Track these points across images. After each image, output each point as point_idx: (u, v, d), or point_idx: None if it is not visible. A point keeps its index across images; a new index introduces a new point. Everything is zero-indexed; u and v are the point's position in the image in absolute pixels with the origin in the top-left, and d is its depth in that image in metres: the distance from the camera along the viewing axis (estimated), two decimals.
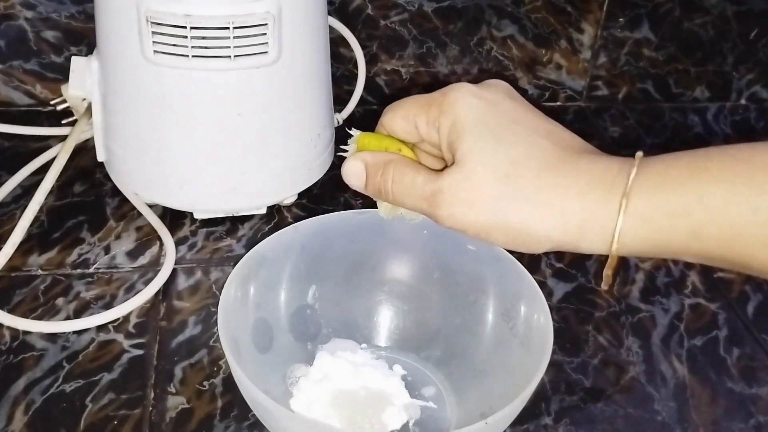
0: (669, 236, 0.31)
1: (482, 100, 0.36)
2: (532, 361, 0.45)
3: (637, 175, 0.32)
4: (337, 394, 0.50)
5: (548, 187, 0.33)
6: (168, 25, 0.57)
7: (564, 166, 0.34)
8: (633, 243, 0.32)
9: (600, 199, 0.32)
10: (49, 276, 0.62)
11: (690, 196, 0.30)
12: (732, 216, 0.30)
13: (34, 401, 0.51)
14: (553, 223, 0.33)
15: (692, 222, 0.31)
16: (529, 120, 0.36)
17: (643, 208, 0.31)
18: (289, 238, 0.52)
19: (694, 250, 0.31)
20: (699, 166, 0.31)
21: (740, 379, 0.57)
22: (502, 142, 0.34)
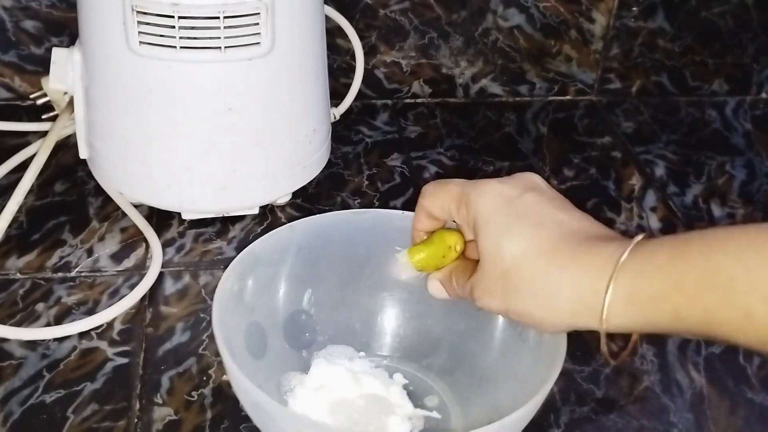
0: (653, 317, 0.36)
1: (500, 198, 0.43)
2: (543, 367, 0.46)
3: (625, 261, 0.37)
4: (335, 403, 0.50)
5: (543, 276, 0.39)
6: (154, 14, 0.57)
7: (560, 256, 0.39)
8: (622, 322, 0.37)
9: (588, 284, 0.38)
10: (28, 280, 0.62)
11: (668, 281, 0.35)
12: (705, 301, 0.34)
13: (12, 412, 0.51)
14: (550, 310, 0.40)
15: (672, 305, 0.35)
16: (537, 212, 0.42)
17: (627, 293, 0.37)
18: (284, 238, 0.52)
19: (679, 329, 0.36)
20: (678, 252, 0.36)
21: (761, 389, 0.57)
22: (505, 238, 0.41)
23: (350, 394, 0.51)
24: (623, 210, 0.75)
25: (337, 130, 0.76)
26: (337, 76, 0.86)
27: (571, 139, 0.85)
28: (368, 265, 0.55)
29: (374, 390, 0.51)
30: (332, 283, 0.55)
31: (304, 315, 0.55)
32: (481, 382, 0.52)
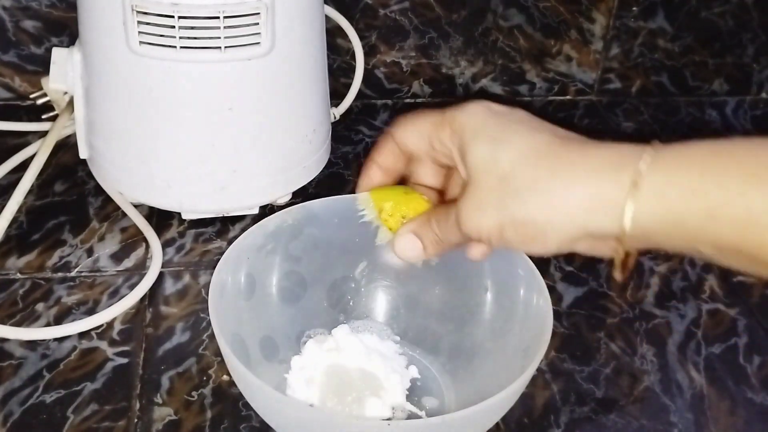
0: (684, 215, 0.32)
1: (488, 110, 0.39)
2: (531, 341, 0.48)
3: (651, 156, 0.33)
4: (333, 366, 0.52)
5: (547, 174, 0.35)
6: (154, 14, 0.57)
7: (566, 152, 0.36)
8: (645, 222, 0.33)
9: (608, 177, 0.33)
10: (28, 280, 0.62)
11: (708, 176, 0.31)
12: (749, 199, 0.31)
13: (12, 412, 0.51)
14: (557, 208, 0.35)
15: (709, 202, 0.31)
16: (534, 122, 0.39)
17: (657, 184, 0.32)
18: (344, 205, 0.53)
19: (709, 233, 0.32)
20: (720, 149, 0.32)
21: (761, 389, 0.57)
22: (500, 143, 0.37)
23: (350, 364, 0.52)
24: None
25: (337, 130, 0.76)
26: (337, 76, 0.86)
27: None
28: (363, 253, 0.56)
29: (374, 369, 0.52)
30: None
31: (354, 283, 0.57)
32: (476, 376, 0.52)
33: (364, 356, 0.53)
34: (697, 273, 0.68)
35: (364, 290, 0.57)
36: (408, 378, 0.54)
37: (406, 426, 0.44)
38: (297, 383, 0.52)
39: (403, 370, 0.54)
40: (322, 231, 0.55)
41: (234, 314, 0.50)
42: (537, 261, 0.50)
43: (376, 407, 0.50)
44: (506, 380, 0.44)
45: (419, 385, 0.54)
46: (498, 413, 0.47)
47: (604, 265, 0.68)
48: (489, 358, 0.53)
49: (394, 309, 0.57)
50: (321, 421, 0.44)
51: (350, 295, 0.57)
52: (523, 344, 0.49)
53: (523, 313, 0.51)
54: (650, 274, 0.67)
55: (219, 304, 0.48)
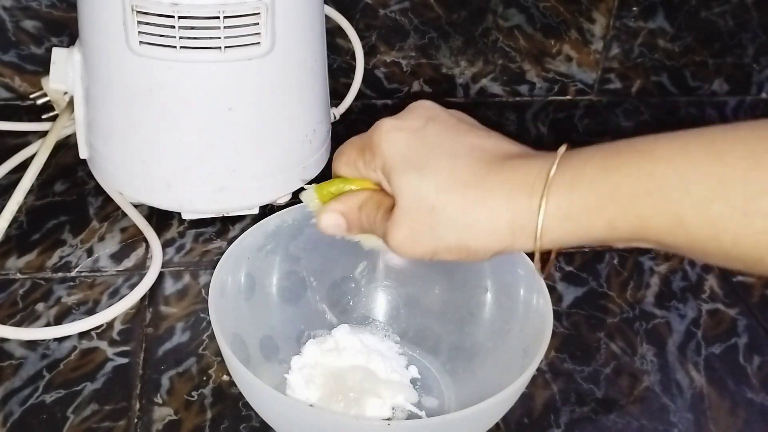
0: (587, 229, 0.36)
1: (404, 132, 0.41)
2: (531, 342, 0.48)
3: (555, 174, 0.36)
4: (333, 366, 0.52)
5: (474, 204, 0.38)
6: (154, 14, 0.57)
7: (486, 181, 0.38)
8: (556, 238, 0.37)
9: (522, 204, 0.37)
10: (28, 280, 0.62)
11: (602, 192, 0.35)
12: (638, 208, 0.34)
13: (12, 412, 0.51)
14: (486, 235, 0.38)
15: (606, 215, 0.35)
16: (449, 141, 0.40)
17: (561, 207, 0.36)
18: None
19: (612, 238, 0.36)
20: (609, 162, 0.36)
21: (761, 389, 0.57)
22: (425, 173, 0.39)
23: (349, 364, 0.52)
24: None
25: (337, 130, 0.76)
26: (337, 76, 0.86)
27: (571, 139, 0.85)
28: (363, 253, 0.56)
29: (375, 369, 0.52)
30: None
31: (354, 283, 0.57)
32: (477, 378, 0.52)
33: (364, 356, 0.53)
34: (697, 273, 0.68)
35: (364, 290, 0.57)
36: (408, 378, 0.54)
37: (406, 426, 0.44)
38: (297, 383, 0.52)
39: (403, 370, 0.54)
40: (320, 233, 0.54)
41: (234, 314, 0.50)
42: (547, 265, 0.50)
43: (376, 407, 0.50)
44: (506, 380, 0.44)
45: (419, 385, 0.54)
46: (498, 413, 0.47)
47: (605, 264, 0.68)
48: (489, 358, 0.53)
49: (394, 309, 0.57)
50: (321, 421, 0.44)
51: (350, 295, 0.57)
52: (523, 344, 0.49)
53: (523, 313, 0.51)
54: (650, 274, 0.67)
55: (219, 304, 0.48)
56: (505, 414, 0.48)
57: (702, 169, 0.33)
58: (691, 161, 0.34)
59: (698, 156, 0.34)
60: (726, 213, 0.32)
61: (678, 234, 0.34)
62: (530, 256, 0.43)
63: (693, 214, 0.33)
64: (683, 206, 0.33)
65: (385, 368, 0.53)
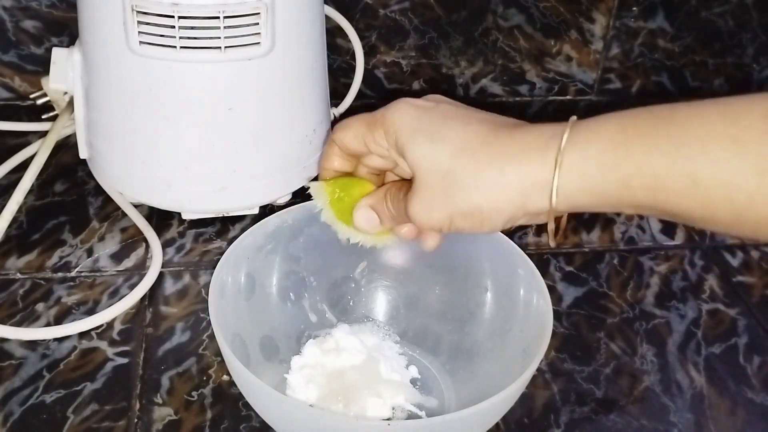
0: (603, 187, 0.36)
1: (417, 108, 0.42)
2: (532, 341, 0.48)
3: (569, 135, 0.37)
4: (332, 366, 0.52)
5: (485, 165, 0.38)
6: (154, 14, 0.57)
7: (498, 141, 0.39)
8: (571, 195, 0.37)
9: (536, 160, 0.37)
10: (28, 280, 0.62)
11: (619, 151, 0.36)
12: (655, 167, 0.35)
13: (12, 412, 0.51)
14: (498, 196, 0.38)
15: (622, 173, 0.36)
16: (462, 114, 0.41)
17: (577, 163, 0.37)
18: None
19: (627, 199, 0.36)
20: (627, 125, 0.36)
21: (761, 389, 0.57)
22: (437, 140, 0.40)
23: (348, 364, 0.52)
24: None
25: None
26: (337, 76, 0.86)
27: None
28: (364, 253, 0.56)
29: (375, 370, 0.52)
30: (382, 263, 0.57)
31: (354, 283, 0.57)
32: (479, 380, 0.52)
33: (364, 356, 0.53)
34: (697, 273, 0.68)
35: (364, 290, 0.57)
36: (408, 378, 0.54)
37: (406, 426, 0.44)
38: (297, 383, 0.52)
39: (403, 370, 0.54)
40: (322, 231, 0.54)
41: (234, 314, 0.50)
42: (537, 261, 0.50)
43: (376, 407, 0.50)
44: (506, 380, 0.44)
45: (419, 385, 0.54)
46: (498, 413, 0.47)
47: (605, 264, 0.68)
48: (489, 358, 0.53)
49: (394, 309, 0.57)
50: (321, 421, 0.44)
51: (350, 295, 0.57)
52: (523, 344, 0.49)
53: (523, 313, 0.51)
54: (650, 274, 0.67)
55: (219, 304, 0.48)
56: (505, 414, 0.48)
57: (718, 131, 0.34)
58: (708, 124, 0.34)
59: (714, 119, 0.35)
60: (741, 172, 0.33)
61: (692, 195, 0.34)
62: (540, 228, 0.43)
63: (708, 174, 0.34)
64: (699, 166, 0.34)
65: (385, 368, 0.53)
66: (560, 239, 0.41)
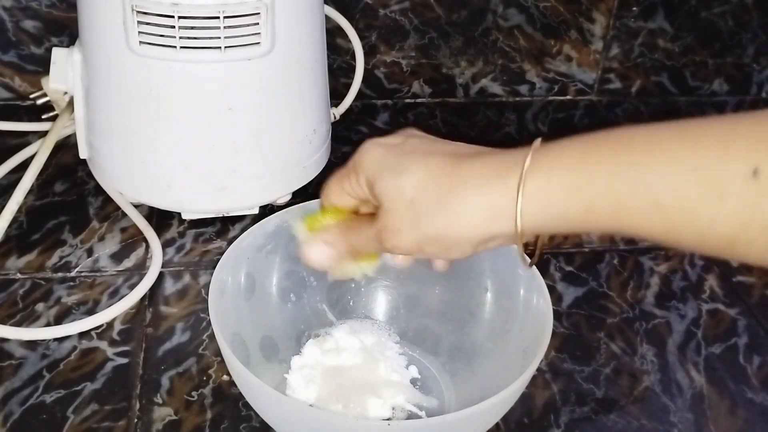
0: (567, 211, 0.37)
1: (383, 147, 0.43)
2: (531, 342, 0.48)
3: (531, 161, 0.37)
4: (332, 366, 0.52)
5: (447, 193, 0.39)
6: (154, 14, 0.57)
7: (459, 170, 0.39)
8: (536, 220, 0.38)
9: (497, 187, 0.38)
10: (28, 280, 0.62)
11: (581, 176, 0.37)
12: (617, 192, 0.36)
13: (12, 412, 0.51)
14: (461, 222, 0.39)
15: (585, 197, 0.36)
16: (426, 147, 0.42)
17: (541, 187, 0.37)
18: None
19: (591, 222, 0.37)
20: (587, 150, 0.37)
21: (761, 389, 0.57)
22: (401, 173, 0.41)
23: (348, 364, 0.52)
24: None
25: (337, 130, 0.76)
26: (337, 76, 0.86)
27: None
28: None
29: (375, 369, 0.52)
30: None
31: (353, 283, 0.57)
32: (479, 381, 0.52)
33: (364, 356, 0.53)
34: (697, 273, 0.68)
35: (364, 290, 0.57)
36: (408, 378, 0.54)
37: (406, 426, 0.44)
38: (297, 383, 0.52)
39: (403, 370, 0.54)
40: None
41: (234, 314, 0.50)
42: (537, 261, 0.50)
43: (376, 407, 0.50)
44: (506, 380, 0.44)
45: (419, 385, 0.54)
46: (498, 413, 0.47)
47: (605, 264, 0.68)
48: (489, 358, 0.53)
49: (394, 309, 0.57)
50: (321, 421, 0.44)
51: (350, 295, 0.57)
52: (523, 344, 0.49)
53: (523, 313, 0.51)
54: (650, 274, 0.67)
55: (219, 304, 0.48)
56: (505, 414, 0.48)
57: (678, 156, 0.35)
58: (667, 150, 0.35)
59: (673, 145, 0.36)
60: (701, 196, 0.34)
61: (655, 218, 0.35)
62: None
63: (670, 198, 0.35)
64: (661, 190, 0.35)
65: (385, 368, 0.53)
66: (534, 261, 0.43)
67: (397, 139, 0.44)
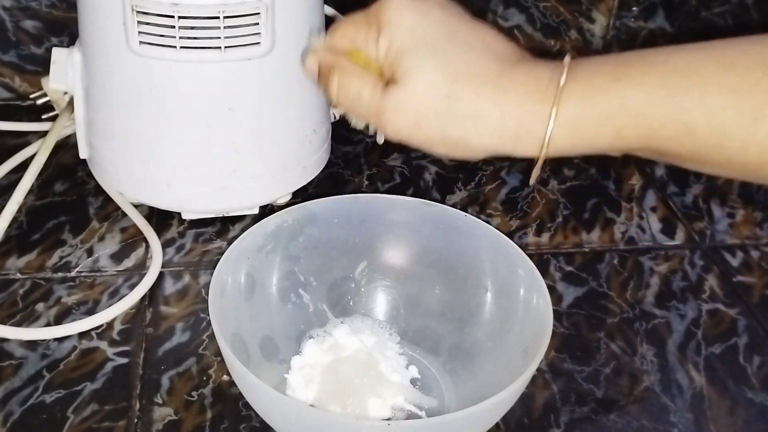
0: (595, 139, 0.37)
1: (417, 12, 0.40)
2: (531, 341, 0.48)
3: (565, 84, 0.37)
4: (332, 366, 0.52)
5: (487, 102, 0.38)
6: (154, 14, 0.57)
7: (500, 80, 0.38)
8: (562, 146, 0.38)
9: (533, 110, 0.37)
10: (28, 280, 0.62)
11: (613, 102, 0.36)
12: (649, 118, 0.35)
13: (12, 412, 0.51)
14: (491, 135, 0.38)
15: (615, 125, 0.36)
16: (463, 32, 0.40)
17: (571, 116, 0.37)
18: (345, 205, 0.56)
19: (618, 147, 0.37)
20: (620, 72, 0.36)
21: (761, 389, 0.57)
22: (440, 59, 0.38)
23: (351, 365, 0.52)
24: (623, 210, 0.75)
25: (337, 130, 0.76)
26: None
27: None
28: (364, 253, 0.57)
29: (375, 370, 0.52)
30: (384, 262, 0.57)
31: (353, 283, 0.57)
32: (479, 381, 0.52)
33: (364, 356, 0.53)
34: (697, 273, 0.68)
35: (364, 290, 0.57)
36: (408, 378, 0.54)
37: (406, 426, 0.44)
38: (297, 383, 0.52)
39: (403, 370, 0.54)
40: (322, 231, 0.55)
41: (234, 314, 0.50)
42: (537, 261, 0.50)
43: (376, 407, 0.50)
44: (506, 380, 0.44)
45: (419, 385, 0.54)
46: (498, 413, 0.47)
47: (605, 264, 0.68)
48: (489, 358, 0.53)
49: (394, 309, 0.57)
50: (321, 421, 0.44)
51: (350, 295, 0.57)
52: (523, 344, 0.49)
53: (523, 313, 0.51)
54: (650, 274, 0.67)
55: (219, 304, 0.48)
56: (505, 414, 0.48)
57: (714, 79, 0.34)
58: (704, 72, 0.34)
59: (710, 67, 0.34)
60: (736, 120, 0.34)
61: (686, 142, 0.35)
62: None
63: (703, 122, 0.34)
64: (694, 115, 0.34)
65: (385, 368, 0.53)
66: (538, 179, 0.42)
67: (423, 3, 0.40)
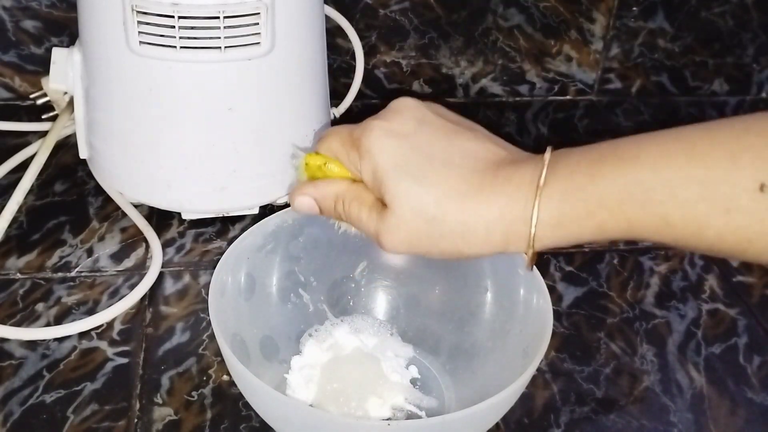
0: (579, 234, 0.39)
1: (396, 139, 0.42)
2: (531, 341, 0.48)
3: (544, 185, 0.38)
4: (332, 366, 0.52)
5: (471, 217, 0.40)
6: (154, 14, 0.57)
7: (482, 193, 0.40)
8: (549, 242, 0.40)
9: (517, 215, 0.39)
10: (28, 280, 0.62)
11: (591, 200, 0.38)
12: (627, 213, 0.37)
13: (12, 412, 0.51)
14: (481, 245, 0.40)
15: (596, 220, 0.38)
16: (441, 149, 0.41)
17: (554, 215, 0.38)
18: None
19: (601, 239, 0.39)
20: (595, 171, 0.38)
21: (761, 389, 0.57)
22: (422, 183, 0.40)
23: (351, 364, 0.52)
24: None
25: None
26: (337, 76, 0.86)
27: (571, 139, 0.85)
28: (364, 253, 0.57)
29: (375, 370, 0.52)
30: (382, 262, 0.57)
31: (353, 283, 0.57)
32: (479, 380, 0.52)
33: (364, 356, 0.53)
34: (697, 273, 0.68)
35: (364, 290, 0.57)
36: (408, 378, 0.54)
37: (406, 426, 0.44)
38: (297, 383, 0.52)
39: (403, 370, 0.54)
40: (322, 231, 0.55)
41: (234, 314, 0.51)
42: (537, 261, 0.50)
43: (376, 407, 0.50)
44: (506, 380, 0.44)
45: (419, 385, 0.54)
46: (498, 413, 0.47)
47: (605, 264, 0.68)
48: (489, 358, 0.53)
49: (394, 309, 0.57)
50: (321, 421, 0.44)
51: (350, 295, 0.57)
52: (523, 344, 0.49)
53: (523, 313, 0.51)
54: (650, 274, 0.67)
55: (219, 304, 0.48)
56: (505, 414, 0.48)
57: (685, 172, 0.36)
58: (674, 165, 0.36)
59: (680, 160, 0.36)
60: (709, 212, 0.35)
61: (665, 233, 0.37)
62: None
63: (678, 215, 0.36)
64: (669, 209, 0.36)
65: (385, 368, 0.53)
66: (530, 266, 0.43)
67: (406, 125, 0.42)
